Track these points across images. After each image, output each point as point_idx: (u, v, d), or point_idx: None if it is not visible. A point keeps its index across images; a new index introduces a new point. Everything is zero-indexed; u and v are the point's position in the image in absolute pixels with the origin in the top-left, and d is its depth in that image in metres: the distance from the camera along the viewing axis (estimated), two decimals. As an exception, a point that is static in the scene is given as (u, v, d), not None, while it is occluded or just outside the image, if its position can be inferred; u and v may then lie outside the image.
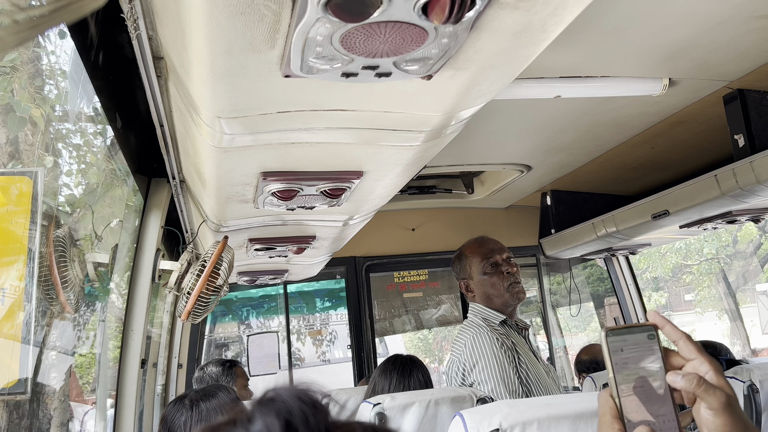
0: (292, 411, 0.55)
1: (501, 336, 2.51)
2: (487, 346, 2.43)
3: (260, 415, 0.55)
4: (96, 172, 3.48)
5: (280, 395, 0.56)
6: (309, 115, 1.35)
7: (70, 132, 3.60)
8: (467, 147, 3.12)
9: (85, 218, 2.75)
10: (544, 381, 2.48)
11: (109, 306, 3.54)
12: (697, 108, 2.64)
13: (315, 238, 2.63)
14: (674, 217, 2.95)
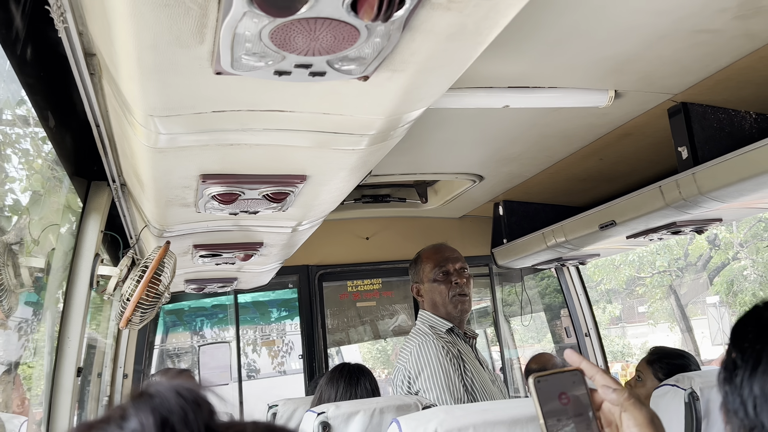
0: (171, 408, 0.51)
1: (447, 344, 2.50)
2: (432, 355, 2.42)
3: (135, 411, 0.51)
4: (39, 178, 3.38)
5: (159, 391, 0.53)
6: (246, 116, 1.33)
7: (20, 137, 3.49)
8: (420, 156, 3.12)
9: (25, 223, 2.66)
10: (489, 389, 2.48)
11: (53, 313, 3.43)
12: (643, 120, 2.69)
13: (263, 245, 2.59)
14: (621, 227, 2.99)
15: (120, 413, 0.53)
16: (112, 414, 0.54)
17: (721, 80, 2.32)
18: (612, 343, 17.43)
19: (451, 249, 2.81)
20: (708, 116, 2.55)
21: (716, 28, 1.92)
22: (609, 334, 18.27)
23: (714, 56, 2.13)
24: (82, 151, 2.08)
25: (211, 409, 0.54)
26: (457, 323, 2.63)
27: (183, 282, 3.42)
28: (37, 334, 3.57)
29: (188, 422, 0.51)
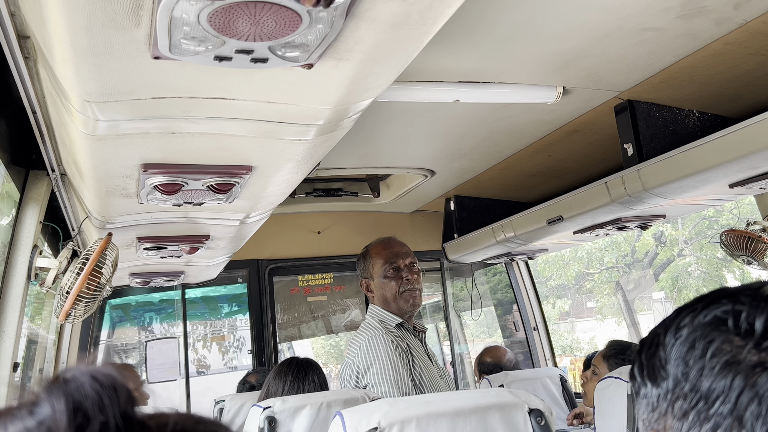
0: (85, 393, 0.49)
1: (396, 338, 2.50)
2: (382, 349, 2.42)
3: (47, 397, 0.49)
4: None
5: (74, 376, 0.51)
6: (187, 103, 1.29)
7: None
8: (372, 150, 3.11)
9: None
10: (437, 384, 2.49)
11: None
12: (590, 117, 2.73)
13: (209, 238, 2.54)
14: (568, 222, 3.03)
15: (32, 399, 0.50)
16: (24, 400, 0.51)
17: (665, 78, 2.37)
18: (561, 338, 17.77)
19: (400, 243, 2.80)
20: (653, 114, 2.61)
21: (660, 27, 1.96)
22: (558, 329, 18.62)
23: (658, 55, 2.17)
24: (19, 139, 2.00)
25: (130, 396, 0.52)
26: (407, 318, 2.64)
27: (128, 275, 3.34)
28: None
29: (103, 408, 0.49)
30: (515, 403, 1.29)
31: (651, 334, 0.72)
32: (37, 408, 0.49)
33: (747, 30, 2.00)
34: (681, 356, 0.65)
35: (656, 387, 0.67)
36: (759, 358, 0.60)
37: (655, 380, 0.68)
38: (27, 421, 0.49)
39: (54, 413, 0.48)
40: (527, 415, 1.28)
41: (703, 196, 2.68)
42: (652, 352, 0.69)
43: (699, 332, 0.65)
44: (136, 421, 0.51)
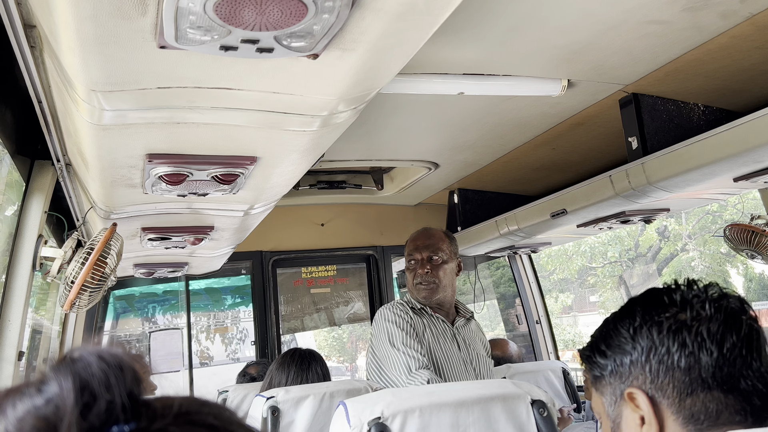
0: (92, 372, 0.50)
1: (416, 316, 2.54)
2: (389, 314, 2.50)
3: (55, 375, 0.49)
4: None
5: (81, 355, 0.51)
6: (192, 93, 1.29)
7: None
8: (376, 142, 3.11)
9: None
10: (457, 366, 2.50)
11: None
12: (595, 110, 2.73)
13: (214, 229, 2.55)
14: (571, 216, 3.03)
15: (40, 378, 0.51)
16: (32, 379, 0.52)
17: (670, 72, 2.36)
18: (564, 332, 17.77)
19: (427, 235, 2.82)
20: (658, 107, 2.60)
21: (666, 20, 1.95)
22: (561, 323, 18.62)
23: (664, 47, 2.17)
24: (24, 129, 2.01)
25: (137, 377, 0.52)
26: (435, 306, 2.67)
27: (132, 266, 3.35)
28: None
29: (110, 387, 0.50)
30: (518, 395, 1.29)
31: (602, 330, 1.04)
32: (44, 386, 0.50)
33: (753, 23, 1.99)
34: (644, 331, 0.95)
35: (622, 355, 0.96)
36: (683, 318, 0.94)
37: (622, 352, 0.96)
38: (35, 398, 0.49)
39: (61, 391, 0.49)
40: (530, 406, 1.28)
41: (708, 190, 2.67)
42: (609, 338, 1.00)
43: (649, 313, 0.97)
44: (142, 402, 0.51)
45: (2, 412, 0.49)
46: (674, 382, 0.91)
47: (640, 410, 0.92)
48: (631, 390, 0.93)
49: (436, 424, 1.21)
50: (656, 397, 0.91)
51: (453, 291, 2.73)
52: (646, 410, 0.91)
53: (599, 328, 1.04)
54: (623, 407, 0.95)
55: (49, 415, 0.48)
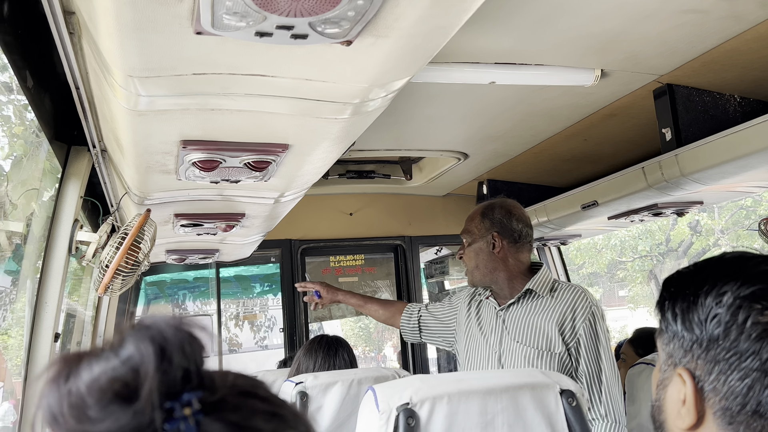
0: (168, 338, 0.51)
1: (473, 302, 2.57)
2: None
3: (133, 340, 0.51)
4: (22, 143, 3.33)
5: (156, 323, 0.53)
6: (227, 79, 1.31)
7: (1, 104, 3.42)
8: (405, 132, 3.11)
9: (4, 189, 2.62)
10: (483, 353, 2.45)
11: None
12: (628, 101, 2.69)
13: (245, 216, 2.57)
14: (602, 207, 3.01)
15: (117, 341, 0.53)
16: (109, 342, 0.53)
17: (706, 62, 2.32)
18: (592, 326, 17.58)
19: (467, 220, 2.65)
20: (693, 98, 2.56)
21: (703, 8, 1.92)
22: (589, 317, 18.42)
23: (700, 37, 2.13)
24: (62, 115, 2.05)
25: (203, 346, 0.54)
26: (496, 290, 2.52)
27: (164, 252, 3.41)
28: (18, 303, 3.54)
29: (185, 354, 0.52)
30: (547, 384, 1.29)
31: (684, 287, 0.91)
32: (122, 350, 0.51)
33: (794, 12, 1.95)
34: (722, 321, 0.84)
35: (689, 333, 0.87)
36: None
37: (690, 329, 0.87)
38: (112, 361, 0.51)
39: (141, 355, 0.50)
40: (558, 396, 1.28)
41: (742, 183, 2.63)
42: (687, 306, 0.89)
43: (740, 303, 0.83)
44: (205, 372, 0.54)
45: (77, 373, 0.51)
46: (733, 394, 0.83)
47: (684, 392, 0.87)
48: (681, 372, 0.87)
49: (464, 411, 1.22)
50: (705, 391, 0.85)
51: (489, 270, 2.48)
52: (689, 400, 0.86)
53: (676, 281, 0.94)
54: (673, 376, 0.90)
55: (128, 377, 0.50)
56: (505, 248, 2.47)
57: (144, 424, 0.49)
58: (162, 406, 0.50)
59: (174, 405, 0.50)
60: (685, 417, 0.86)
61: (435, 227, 4.52)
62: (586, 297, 2.35)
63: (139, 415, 0.49)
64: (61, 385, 0.51)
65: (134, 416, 0.49)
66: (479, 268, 2.51)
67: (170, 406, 0.50)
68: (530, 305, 2.40)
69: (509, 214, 2.50)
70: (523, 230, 2.49)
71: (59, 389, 0.51)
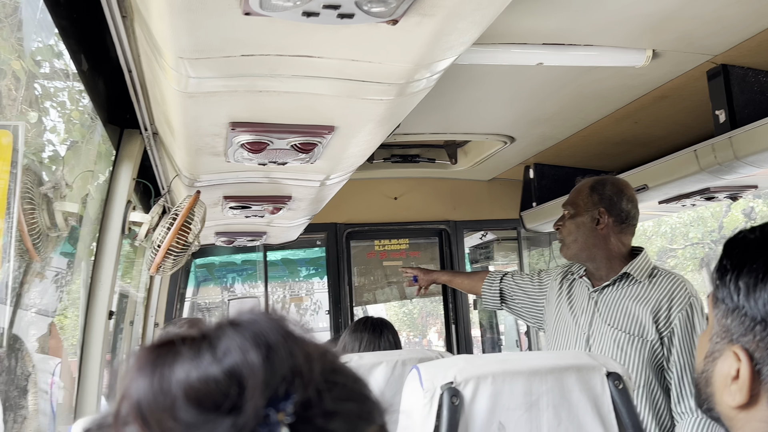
0: (272, 344, 0.48)
1: (565, 281, 2.54)
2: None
3: (236, 344, 0.48)
4: (78, 127, 3.42)
5: (259, 324, 0.50)
6: (274, 60, 1.33)
7: (58, 90, 3.52)
8: (450, 115, 3.10)
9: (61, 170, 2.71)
10: (572, 333, 2.41)
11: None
12: (680, 82, 2.63)
13: (291, 198, 2.61)
14: (653, 192, 2.95)
15: (215, 336, 0.49)
16: (206, 332, 0.50)
17: (763, 41, 2.24)
18: (640, 315, 17.29)
19: (574, 189, 2.58)
20: (748, 79, 2.48)
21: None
22: (638, 306, 18.12)
23: (757, 15, 2.06)
24: (115, 99, 2.11)
25: (302, 345, 0.51)
26: (592, 268, 2.45)
27: (213, 234, 3.47)
28: (73, 285, 3.66)
29: (288, 359, 0.49)
30: (593, 366, 1.28)
31: (752, 258, 0.86)
32: (223, 354, 0.48)
33: None
34: None
35: (752, 311, 0.84)
36: None
37: (754, 307, 0.83)
38: (212, 365, 0.47)
39: (247, 365, 0.47)
40: (605, 378, 1.27)
41: (801, 166, 2.54)
42: (754, 282, 0.84)
43: None
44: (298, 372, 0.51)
45: (171, 369, 0.48)
46: None
47: (736, 369, 0.84)
48: (738, 351, 0.84)
49: (508, 392, 1.22)
50: (762, 374, 0.82)
51: (588, 246, 2.41)
52: (744, 381, 0.83)
53: (742, 247, 0.89)
54: (726, 350, 0.86)
55: (229, 388, 0.47)
56: (609, 226, 2.39)
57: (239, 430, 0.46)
58: (261, 414, 0.47)
59: (269, 411, 0.47)
60: (735, 395, 0.83)
61: (480, 212, 4.50)
62: (686, 287, 2.26)
63: (236, 426, 0.46)
64: (154, 377, 0.47)
65: (231, 427, 0.46)
66: (577, 242, 2.43)
67: (266, 413, 0.47)
68: (626, 289, 2.33)
69: (620, 192, 2.43)
70: (631, 211, 2.42)
71: (152, 382, 0.47)
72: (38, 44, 2.66)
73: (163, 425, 0.46)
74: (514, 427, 1.20)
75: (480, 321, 5.90)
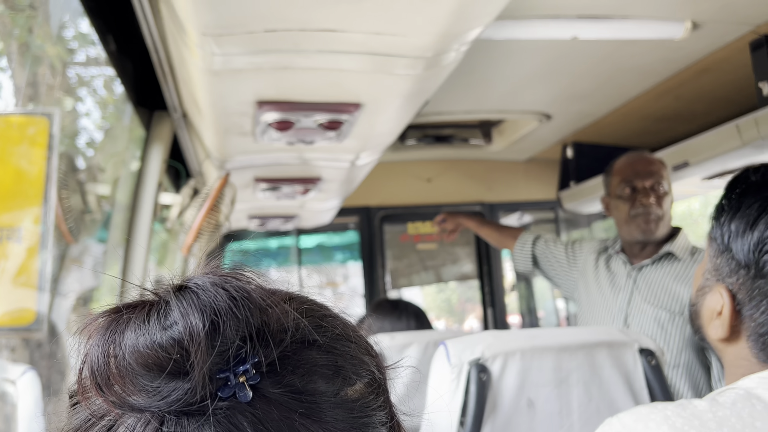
0: (219, 308, 0.47)
1: (601, 256, 2.49)
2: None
3: (180, 311, 0.47)
4: (114, 112, 3.47)
5: (204, 288, 0.49)
6: (297, 35, 1.31)
7: (93, 77, 3.57)
8: (484, 93, 3.04)
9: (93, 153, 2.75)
10: (609, 311, 2.36)
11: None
12: (723, 55, 2.53)
13: (321, 179, 2.60)
14: (695, 168, 2.86)
15: (162, 303, 0.49)
16: (149, 303, 0.50)
17: (810, 8, 2.14)
18: (684, 299, 16.96)
19: (647, 161, 2.55)
20: (794, 49, 2.37)
21: (808, -54, 1.77)
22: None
23: (804, -20, 1.97)
24: (144, 80, 2.12)
25: (261, 308, 0.50)
26: (638, 248, 2.41)
27: (246, 217, 3.49)
28: (109, 270, 3.72)
29: (239, 322, 0.48)
30: (625, 342, 1.24)
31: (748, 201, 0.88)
32: (167, 319, 0.48)
33: None
34: None
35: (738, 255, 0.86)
36: None
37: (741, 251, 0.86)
38: (158, 333, 0.48)
39: (190, 333, 0.47)
40: (637, 354, 1.23)
41: None
42: (743, 228, 0.87)
43: None
44: (262, 329, 0.50)
45: (122, 336, 0.48)
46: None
47: (721, 305, 0.88)
48: (722, 291, 0.88)
49: (537, 368, 1.19)
50: (743, 315, 0.87)
51: (668, 225, 2.45)
52: (725, 318, 0.87)
53: (742, 187, 0.91)
54: (714, 287, 0.90)
55: (176, 354, 0.47)
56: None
57: (197, 396, 0.47)
58: (214, 378, 0.47)
59: (228, 375, 0.48)
60: (718, 329, 0.88)
61: (516, 193, 4.43)
62: None
63: (189, 390, 0.47)
64: (105, 345, 0.48)
65: (184, 391, 0.47)
66: (666, 221, 2.42)
67: (224, 375, 0.48)
68: (667, 268, 2.34)
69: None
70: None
71: (102, 349, 0.48)
72: (72, 31, 2.69)
73: (118, 391, 0.47)
74: (543, 404, 1.17)
75: (519, 306, 5.85)
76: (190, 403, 0.47)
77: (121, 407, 0.47)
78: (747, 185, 0.90)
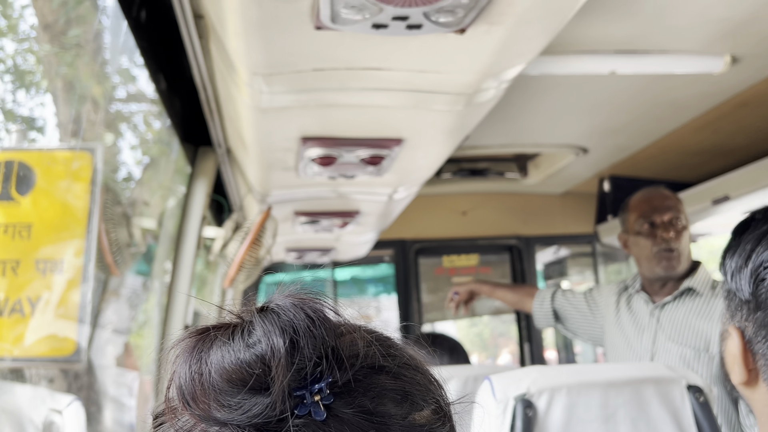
0: (298, 328, 0.51)
1: (622, 297, 2.47)
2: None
3: (262, 330, 0.51)
4: (158, 146, 3.55)
5: (285, 309, 0.52)
6: (344, 74, 1.35)
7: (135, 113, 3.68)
8: (520, 126, 3.06)
9: (138, 187, 2.82)
10: (634, 352, 2.34)
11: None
12: (762, 88, 2.52)
13: (359, 213, 2.63)
14: (735, 202, 2.83)
15: (246, 323, 0.52)
16: (238, 321, 0.53)
17: None
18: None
19: (663, 196, 2.54)
20: (836, 82, 2.36)
21: None
22: (720, 325, 17.36)
23: (844, 13, 1.96)
24: (190, 117, 2.18)
25: (335, 325, 0.54)
26: (660, 284, 2.38)
27: (284, 250, 3.53)
28: (148, 304, 3.77)
29: (316, 341, 0.51)
30: (672, 378, 1.23)
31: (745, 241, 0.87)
32: (251, 337, 0.51)
33: None
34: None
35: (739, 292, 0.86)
36: None
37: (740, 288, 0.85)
38: (242, 350, 0.51)
39: (272, 349, 0.50)
40: (685, 391, 1.22)
41: None
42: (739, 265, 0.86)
43: None
44: (336, 352, 0.53)
45: (207, 355, 0.51)
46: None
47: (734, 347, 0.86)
48: (732, 330, 0.87)
49: (584, 404, 1.18)
50: (755, 353, 0.84)
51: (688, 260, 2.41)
52: (738, 358, 0.85)
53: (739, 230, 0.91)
54: (730, 329, 0.88)
55: (258, 371, 0.50)
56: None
57: (276, 410, 0.50)
58: (292, 395, 0.50)
59: (304, 393, 0.51)
60: (737, 373, 0.85)
61: (553, 226, 4.40)
62: None
63: (269, 405, 0.50)
64: (192, 363, 0.52)
65: (265, 406, 0.50)
66: (687, 256, 2.39)
67: (300, 393, 0.51)
68: (689, 304, 2.31)
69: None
70: None
71: (190, 367, 0.52)
72: (117, 68, 2.79)
73: (203, 405, 0.50)
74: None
75: (555, 341, 5.77)
76: (269, 417, 0.49)
77: (206, 420, 0.51)
78: (749, 226, 0.90)
